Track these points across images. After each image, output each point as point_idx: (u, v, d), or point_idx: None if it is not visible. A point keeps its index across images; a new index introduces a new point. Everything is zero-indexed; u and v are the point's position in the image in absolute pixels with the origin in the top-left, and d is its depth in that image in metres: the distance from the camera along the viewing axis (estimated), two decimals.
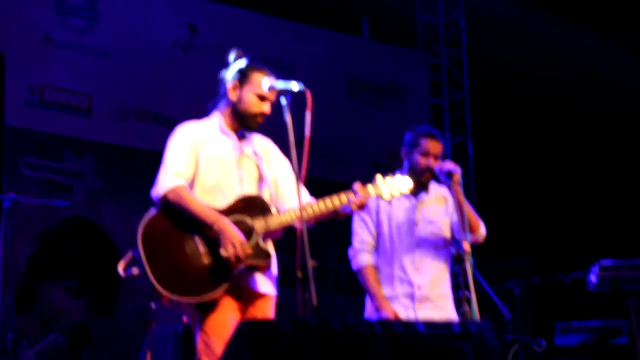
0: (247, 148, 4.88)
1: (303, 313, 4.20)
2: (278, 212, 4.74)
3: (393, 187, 4.80)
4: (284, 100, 4.56)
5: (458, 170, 5.47)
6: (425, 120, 10.69)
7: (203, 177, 4.74)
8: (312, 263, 4.22)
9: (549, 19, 10.87)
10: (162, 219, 4.63)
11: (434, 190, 5.76)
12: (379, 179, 4.80)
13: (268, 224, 4.66)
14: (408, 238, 5.63)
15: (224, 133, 4.85)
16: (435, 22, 11.62)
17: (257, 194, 4.78)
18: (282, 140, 4.79)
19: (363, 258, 5.66)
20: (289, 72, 9.84)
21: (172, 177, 4.66)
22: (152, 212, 4.64)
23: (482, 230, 5.68)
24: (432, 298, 5.60)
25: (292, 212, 4.67)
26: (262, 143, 4.97)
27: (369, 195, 4.73)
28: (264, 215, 4.67)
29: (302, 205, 4.44)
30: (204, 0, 9.79)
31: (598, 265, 6.48)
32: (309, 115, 4.46)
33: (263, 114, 4.82)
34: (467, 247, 5.26)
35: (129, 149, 8.95)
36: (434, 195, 5.75)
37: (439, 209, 5.72)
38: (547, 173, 10.92)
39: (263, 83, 4.76)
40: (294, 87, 4.58)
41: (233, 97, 4.83)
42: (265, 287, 4.75)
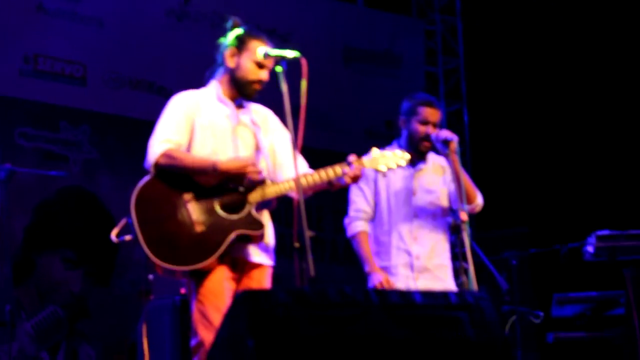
0: (244, 117, 4.86)
1: (300, 283, 4.20)
2: (273, 182, 4.73)
3: (389, 159, 4.77)
4: (279, 68, 4.54)
5: (455, 138, 5.45)
6: (420, 89, 10.64)
7: (198, 145, 4.72)
8: (309, 233, 4.21)
9: None
10: (155, 185, 4.63)
11: (432, 160, 5.74)
12: (375, 151, 4.78)
13: (264, 193, 4.64)
14: (405, 207, 5.62)
15: (221, 101, 4.83)
16: None
17: None
18: (276, 109, 4.78)
19: (357, 225, 5.66)
20: (284, 40, 9.78)
21: (160, 142, 4.65)
22: (145, 178, 4.64)
23: (478, 200, 5.67)
24: (430, 268, 5.59)
25: (287, 182, 4.66)
26: (261, 112, 4.95)
27: (364, 167, 4.70)
28: (259, 184, 4.66)
29: (298, 175, 4.42)
30: None
31: (595, 236, 6.47)
32: (304, 84, 4.44)
33: (260, 81, 4.80)
34: (464, 216, 5.26)
35: (124, 119, 8.92)
36: (432, 165, 5.73)
37: (437, 178, 5.71)
38: (544, 142, 10.89)
39: (259, 50, 4.74)
40: (289, 54, 4.56)
41: (230, 64, 4.81)
42: (260, 257, 4.74)
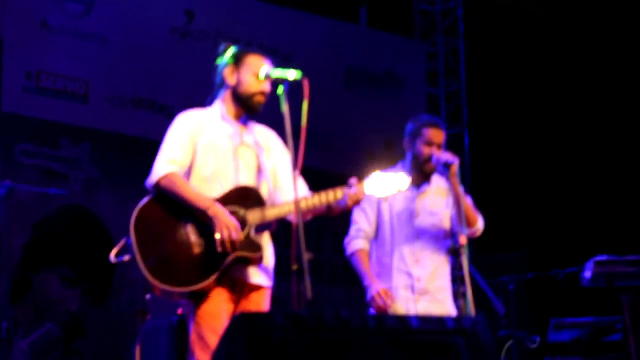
0: (247, 137, 4.86)
1: (297, 306, 4.20)
2: (273, 204, 4.73)
3: (390, 183, 4.76)
4: (281, 89, 4.55)
5: (455, 161, 5.44)
6: (422, 110, 10.67)
7: (200, 165, 4.73)
8: (307, 255, 4.21)
9: (547, 7, 10.86)
10: (155, 206, 4.63)
11: (436, 182, 5.74)
12: (376, 175, 4.77)
13: (264, 215, 4.65)
14: (408, 228, 5.61)
15: (225, 120, 4.83)
16: (433, 10, 11.62)
17: (251, 185, 4.76)
18: (277, 130, 4.79)
19: (357, 243, 5.66)
20: (286, 59, 9.82)
21: (165, 164, 4.66)
22: (146, 198, 4.65)
23: (479, 224, 5.67)
24: (431, 291, 5.58)
25: (287, 204, 4.67)
26: (265, 133, 4.96)
27: (365, 191, 4.70)
28: (259, 206, 4.66)
29: (297, 198, 4.43)
30: None
31: (592, 261, 6.47)
32: (306, 104, 4.45)
33: (263, 92, 4.79)
34: (463, 240, 5.25)
35: (125, 137, 8.95)
36: (435, 187, 5.73)
37: (440, 200, 5.71)
38: (543, 166, 10.91)
39: (261, 68, 4.75)
40: (291, 75, 4.57)
41: (231, 81, 4.82)
42: (259, 278, 4.74)
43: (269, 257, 4.81)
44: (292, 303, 4.28)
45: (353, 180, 4.70)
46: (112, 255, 4.66)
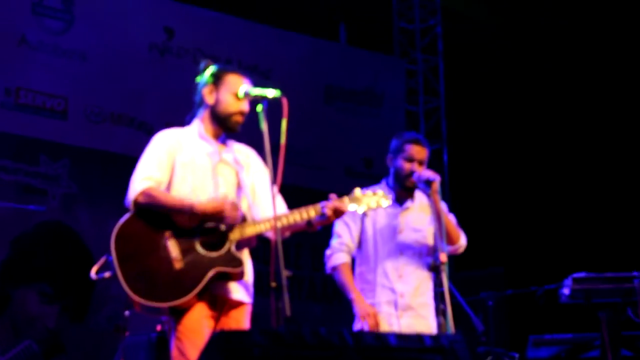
0: (227, 155, 4.87)
1: (276, 323, 4.20)
2: (253, 220, 4.74)
3: (370, 199, 4.78)
4: (260, 107, 4.56)
5: (437, 179, 5.46)
6: (401, 128, 10.70)
7: (178, 182, 4.73)
8: (286, 272, 4.21)
9: (525, 27, 10.93)
10: (135, 223, 4.63)
11: (419, 199, 5.75)
12: (357, 192, 4.78)
13: (243, 232, 4.65)
14: (391, 244, 5.63)
15: (203, 138, 4.84)
16: (412, 28, 11.66)
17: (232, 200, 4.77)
18: (256, 148, 4.80)
19: (339, 256, 5.66)
20: (265, 77, 9.84)
21: (141, 180, 4.67)
22: (126, 216, 4.65)
23: (462, 241, 5.70)
24: (414, 306, 5.59)
25: (267, 221, 4.67)
26: (244, 151, 4.97)
27: (345, 206, 4.71)
28: (239, 223, 4.66)
29: (276, 215, 4.43)
30: (181, 4, 9.77)
31: (571, 278, 6.49)
32: (285, 123, 4.46)
33: (242, 112, 4.81)
34: (443, 257, 5.26)
35: (105, 153, 8.92)
36: (419, 204, 5.75)
37: (424, 217, 5.71)
38: (522, 183, 10.96)
39: (240, 87, 4.77)
40: (270, 93, 4.59)
41: (209, 100, 4.84)
42: (239, 294, 4.75)
43: (249, 273, 4.81)
44: (270, 320, 4.28)
45: (333, 196, 4.71)
46: (93, 272, 4.66)
